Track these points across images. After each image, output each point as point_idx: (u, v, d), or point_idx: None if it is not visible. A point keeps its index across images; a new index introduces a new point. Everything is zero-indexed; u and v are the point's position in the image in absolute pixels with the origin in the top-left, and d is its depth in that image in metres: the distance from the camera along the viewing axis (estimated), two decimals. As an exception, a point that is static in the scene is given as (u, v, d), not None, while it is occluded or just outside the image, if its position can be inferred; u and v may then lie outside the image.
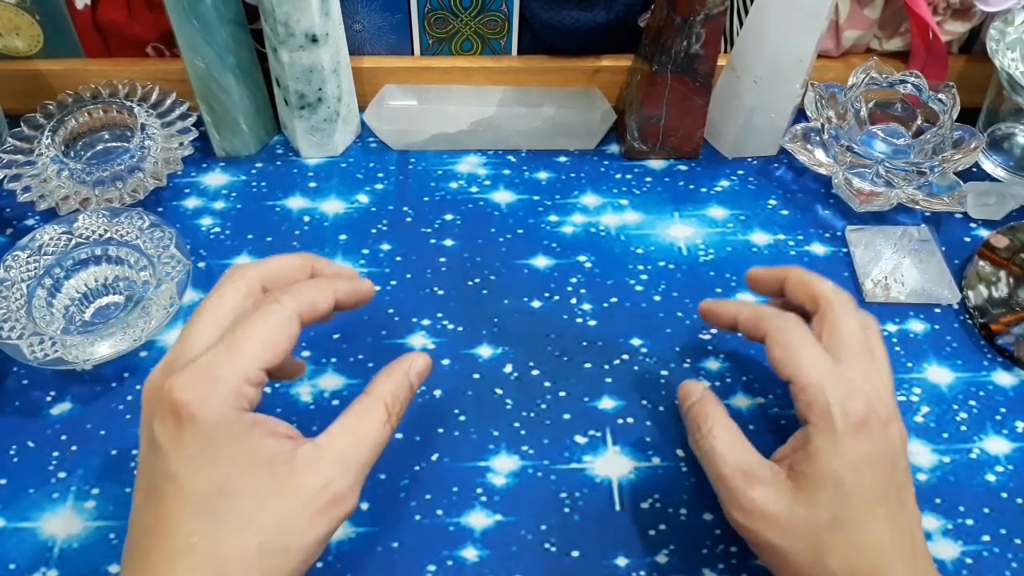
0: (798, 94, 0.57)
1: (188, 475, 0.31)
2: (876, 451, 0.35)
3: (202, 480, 0.31)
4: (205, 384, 0.32)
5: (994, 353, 0.50)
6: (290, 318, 0.34)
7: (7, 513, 0.42)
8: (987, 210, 0.57)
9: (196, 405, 0.31)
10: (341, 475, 0.33)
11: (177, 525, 0.31)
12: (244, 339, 0.33)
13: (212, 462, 0.31)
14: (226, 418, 0.32)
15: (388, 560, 0.41)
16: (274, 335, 0.34)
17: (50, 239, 0.49)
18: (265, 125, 0.59)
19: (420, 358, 0.38)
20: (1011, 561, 0.41)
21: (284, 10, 0.51)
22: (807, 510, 0.35)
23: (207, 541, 0.31)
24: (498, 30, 0.60)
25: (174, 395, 0.31)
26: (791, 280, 0.42)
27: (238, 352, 0.33)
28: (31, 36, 0.57)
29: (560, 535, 0.42)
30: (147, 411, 0.33)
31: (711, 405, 0.39)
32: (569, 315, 0.51)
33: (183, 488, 0.31)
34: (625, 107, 0.60)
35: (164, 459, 0.31)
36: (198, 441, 0.31)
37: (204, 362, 0.32)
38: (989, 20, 0.58)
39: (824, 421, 0.35)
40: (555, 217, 0.56)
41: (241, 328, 0.33)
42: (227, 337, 0.33)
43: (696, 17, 0.51)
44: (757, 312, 0.40)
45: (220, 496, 0.31)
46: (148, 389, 0.33)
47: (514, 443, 0.45)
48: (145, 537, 0.32)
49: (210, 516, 0.31)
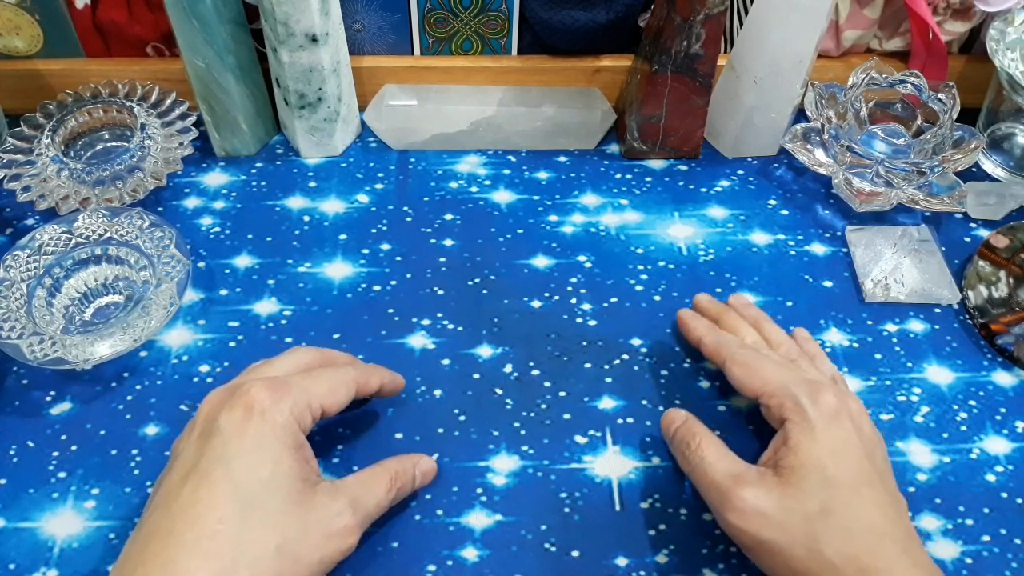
0: (798, 94, 0.57)
1: (240, 461, 0.35)
2: (851, 439, 0.38)
3: (250, 470, 0.35)
4: (281, 393, 0.37)
5: (994, 353, 0.50)
6: (352, 381, 0.40)
7: (7, 513, 0.42)
8: (987, 210, 0.57)
9: (268, 404, 0.36)
10: (351, 511, 0.37)
11: (212, 507, 0.33)
12: (319, 378, 0.39)
13: (263, 458, 0.35)
14: (287, 426, 0.36)
15: (388, 560, 0.41)
16: (338, 387, 0.40)
17: (50, 239, 0.49)
18: (265, 125, 0.59)
19: (428, 461, 0.43)
20: (1011, 561, 0.41)
21: (284, 10, 0.51)
22: (797, 502, 0.36)
23: (234, 529, 0.33)
24: (498, 30, 0.60)
25: (252, 392, 0.36)
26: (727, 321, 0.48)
27: (313, 384, 0.39)
28: (31, 36, 0.57)
29: (560, 535, 0.42)
30: (214, 403, 0.37)
31: (696, 425, 0.42)
32: (569, 315, 0.51)
33: (232, 472, 0.34)
34: (625, 107, 0.60)
35: (223, 443, 0.35)
36: (259, 436, 0.35)
37: (284, 379, 0.38)
38: (989, 20, 0.58)
39: (798, 415, 0.38)
40: (555, 217, 0.56)
41: (318, 371, 0.40)
42: (304, 374, 0.39)
43: (696, 17, 0.51)
44: (718, 340, 0.45)
45: (259, 489, 0.34)
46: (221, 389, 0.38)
47: (514, 443, 0.45)
48: (172, 517, 0.34)
49: (245, 505, 0.34)
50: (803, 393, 0.39)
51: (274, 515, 0.34)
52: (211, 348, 0.48)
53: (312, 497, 0.36)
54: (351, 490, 0.38)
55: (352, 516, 0.37)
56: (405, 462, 0.41)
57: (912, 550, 0.35)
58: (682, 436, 0.41)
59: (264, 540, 0.34)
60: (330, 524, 0.36)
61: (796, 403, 0.39)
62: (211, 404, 0.37)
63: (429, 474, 0.42)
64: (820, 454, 0.37)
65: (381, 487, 0.39)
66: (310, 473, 0.37)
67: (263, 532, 0.34)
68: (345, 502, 0.37)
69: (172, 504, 0.34)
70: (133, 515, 0.42)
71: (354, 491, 0.38)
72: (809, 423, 0.38)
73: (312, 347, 0.43)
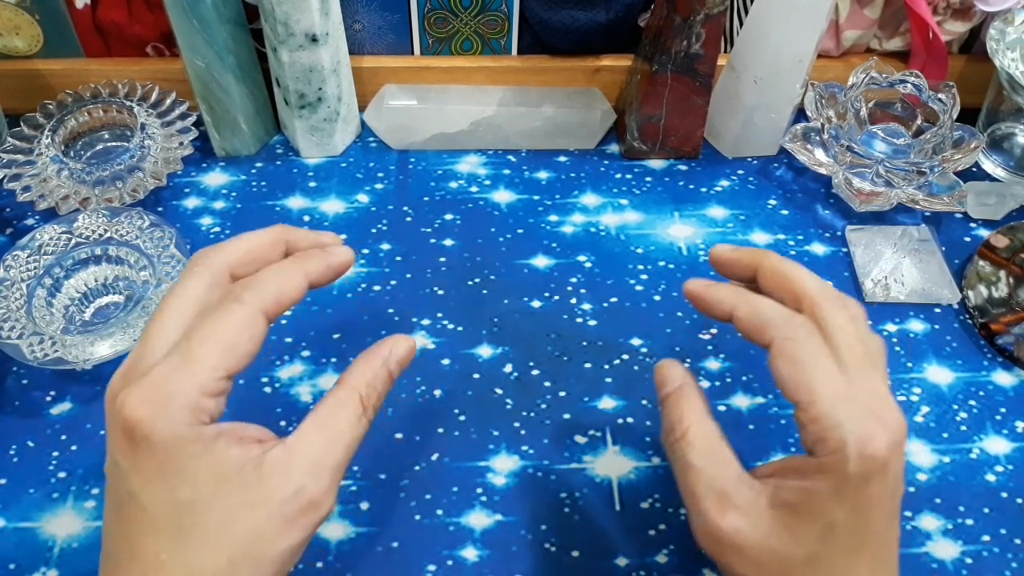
0: (798, 94, 0.57)
1: (148, 496, 0.29)
2: (884, 493, 0.31)
3: (163, 500, 0.29)
4: (156, 402, 0.29)
5: (994, 353, 0.50)
6: (253, 317, 0.31)
7: (7, 513, 0.42)
8: (987, 210, 0.57)
9: (148, 424, 0.29)
10: (314, 479, 0.31)
11: (143, 544, 0.29)
12: (201, 346, 0.30)
13: (171, 482, 0.29)
14: (182, 437, 0.29)
15: (388, 560, 0.41)
16: (235, 338, 0.31)
17: (50, 239, 0.49)
18: (265, 125, 0.59)
19: (402, 343, 0.35)
20: (1011, 561, 0.41)
21: (284, 10, 0.51)
22: (783, 545, 0.31)
23: (176, 558, 0.29)
24: (498, 30, 0.60)
25: (125, 413, 0.29)
26: (766, 269, 0.36)
27: (194, 362, 0.30)
28: (31, 36, 0.57)
29: (560, 535, 0.42)
30: (107, 424, 0.31)
31: (689, 398, 0.35)
32: (569, 315, 0.51)
33: (145, 508, 0.29)
34: (625, 107, 0.60)
35: (125, 478, 0.30)
36: (154, 461, 0.29)
37: (157, 375, 0.30)
38: (989, 20, 0.58)
39: (835, 462, 0.30)
40: (555, 217, 0.56)
41: (198, 333, 0.31)
42: (182, 345, 0.30)
43: (696, 17, 0.51)
44: (759, 312, 0.34)
45: (185, 514, 0.29)
46: (107, 398, 0.31)
47: (514, 443, 0.45)
48: (115, 553, 0.30)
49: (175, 534, 0.29)
50: (852, 436, 0.30)
51: (215, 530, 0.29)
52: (211, 348, 0.48)
53: (259, 486, 0.30)
54: (309, 444, 0.31)
55: (315, 484, 0.30)
56: (373, 361, 0.34)
57: None
58: (669, 410, 0.35)
59: (212, 559, 0.29)
60: (288, 508, 0.30)
61: (839, 446, 0.30)
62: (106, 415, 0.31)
63: (407, 357, 0.35)
64: (836, 511, 0.30)
65: (349, 419, 0.32)
66: (246, 453, 0.30)
67: (208, 551, 0.29)
68: (303, 469, 0.30)
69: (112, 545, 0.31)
70: (133, 515, 0.42)
71: (312, 445, 0.31)
72: (843, 476, 0.30)
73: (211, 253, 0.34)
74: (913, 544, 0.42)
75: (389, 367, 0.34)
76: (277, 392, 0.47)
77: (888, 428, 0.31)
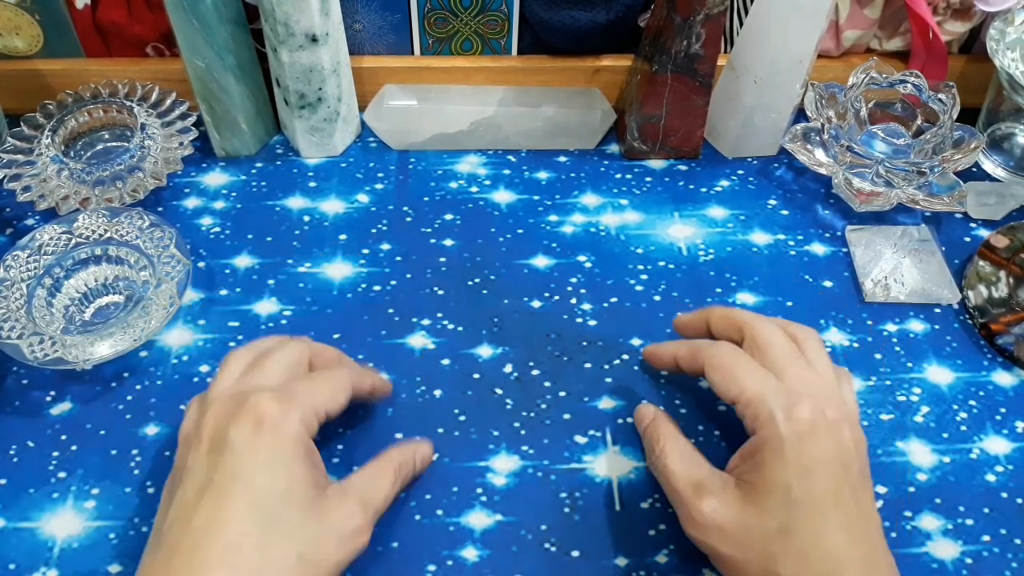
0: (798, 94, 0.57)
1: (257, 476, 0.34)
2: (825, 454, 0.35)
3: (267, 484, 0.34)
4: (289, 403, 0.36)
5: (994, 353, 0.50)
6: (349, 383, 0.40)
7: (7, 513, 0.42)
8: (987, 210, 0.57)
9: (279, 417, 0.36)
10: (361, 511, 0.37)
11: (233, 522, 0.33)
12: (320, 382, 0.39)
13: (278, 470, 0.35)
14: (299, 436, 0.36)
15: (388, 560, 0.41)
16: (337, 391, 0.40)
17: (50, 239, 0.49)
18: (265, 125, 0.59)
19: (426, 446, 0.43)
20: (1011, 561, 0.41)
21: (284, 10, 0.51)
22: (756, 519, 0.35)
23: (256, 542, 0.33)
24: (498, 30, 0.60)
25: (261, 405, 0.36)
26: (714, 318, 0.44)
27: (316, 390, 0.39)
28: (31, 36, 0.57)
29: (560, 535, 0.42)
30: (220, 414, 0.36)
31: (662, 425, 0.41)
32: (569, 315, 0.51)
33: (250, 487, 0.34)
34: (625, 107, 0.60)
35: (236, 459, 0.35)
36: (271, 449, 0.35)
37: (290, 388, 0.38)
38: (989, 20, 0.58)
39: (769, 429, 0.36)
40: (555, 217, 0.56)
41: (319, 375, 0.40)
42: (304, 379, 0.39)
43: (696, 17, 0.51)
44: (692, 347, 0.42)
45: (276, 503, 0.34)
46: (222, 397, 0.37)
47: (514, 443, 0.45)
48: (191, 533, 0.33)
49: (265, 519, 0.34)
50: (778, 406, 0.36)
51: (293, 525, 0.34)
52: (211, 348, 0.48)
53: (325, 503, 0.36)
54: (359, 490, 0.38)
55: (363, 516, 0.37)
56: (405, 451, 0.42)
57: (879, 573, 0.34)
58: (649, 437, 0.42)
59: (286, 550, 0.34)
60: (344, 527, 0.36)
61: (769, 416, 0.36)
62: (216, 417, 0.36)
63: (428, 458, 0.43)
64: (787, 474, 0.35)
65: (387, 480, 0.39)
66: (320, 478, 0.37)
67: (284, 543, 0.34)
68: (355, 503, 0.37)
69: (191, 520, 0.34)
70: (133, 515, 0.42)
71: (362, 491, 0.38)
72: (779, 439, 0.35)
73: (297, 340, 0.42)
74: (913, 544, 0.42)
75: (415, 458, 0.42)
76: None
77: (815, 400, 0.36)
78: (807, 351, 0.40)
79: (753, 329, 0.41)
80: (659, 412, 0.43)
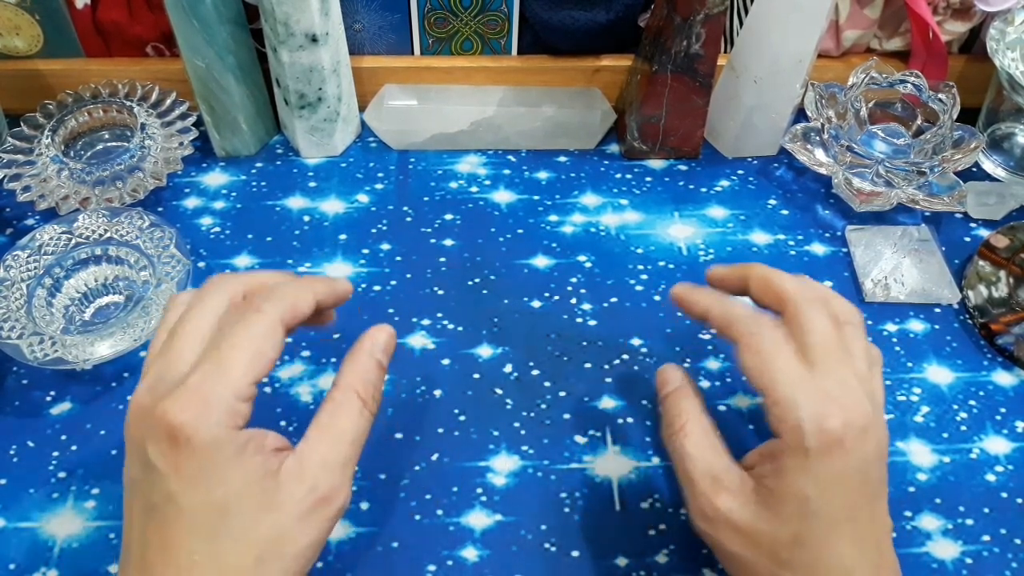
0: (798, 94, 0.57)
1: (188, 496, 0.32)
2: (848, 468, 0.34)
3: (200, 500, 0.32)
4: (198, 406, 0.32)
5: (994, 353, 0.50)
6: (274, 325, 0.34)
7: (7, 513, 0.42)
8: (987, 210, 0.57)
9: (191, 428, 0.31)
10: (325, 478, 0.33)
11: (179, 544, 0.31)
12: (231, 354, 0.33)
13: (210, 482, 0.32)
14: (221, 439, 0.32)
15: (388, 560, 0.41)
16: (261, 346, 0.33)
17: (50, 239, 0.49)
18: (265, 125, 0.59)
19: (381, 332, 0.37)
20: (1011, 561, 0.41)
21: (284, 10, 0.51)
22: (769, 525, 0.34)
23: (208, 558, 0.31)
24: (498, 30, 0.60)
25: (168, 419, 0.31)
26: (754, 279, 0.39)
27: (227, 369, 0.32)
28: (31, 36, 0.57)
29: (560, 535, 0.42)
30: (138, 434, 0.33)
31: (686, 398, 0.38)
32: (569, 315, 0.51)
33: (183, 509, 0.31)
34: (625, 107, 0.60)
35: (163, 481, 0.32)
36: (195, 463, 0.31)
37: (194, 383, 0.32)
38: (989, 20, 0.58)
39: (795, 439, 0.34)
40: (555, 217, 0.56)
41: (226, 342, 0.33)
42: (213, 354, 0.33)
43: (696, 17, 0.51)
44: (729, 312, 0.38)
45: (218, 515, 0.32)
46: (136, 411, 0.33)
47: (514, 443, 0.45)
48: (147, 555, 0.32)
49: (209, 534, 0.32)
50: (807, 415, 0.33)
51: (243, 529, 0.32)
52: (211, 348, 0.48)
53: (276, 492, 0.33)
54: (315, 453, 0.34)
55: (327, 481, 0.33)
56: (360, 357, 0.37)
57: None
58: (669, 408, 0.38)
59: (241, 556, 0.32)
60: (303, 507, 0.33)
61: (796, 424, 0.33)
62: (135, 433, 0.33)
63: (390, 345, 0.38)
64: (806, 486, 0.33)
65: (350, 417, 0.35)
66: (267, 463, 0.33)
67: (238, 550, 0.32)
68: (313, 472, 0.33)
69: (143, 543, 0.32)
70: (133, 515, 0.42)
71: (319, 448, 0.34)
72: (804, 452, 0.33)
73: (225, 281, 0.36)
74: (913, 544, 0.42)
75: (376, 357, 0.37)
76: (277, 392, 0.47)
77: (845, 409, 0.34)
78: (846, 336, 0.37)
79: (797, 309, 0.36)
80: (687, 379, 0.39)
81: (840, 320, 0.37)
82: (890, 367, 0.49)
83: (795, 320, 0.36)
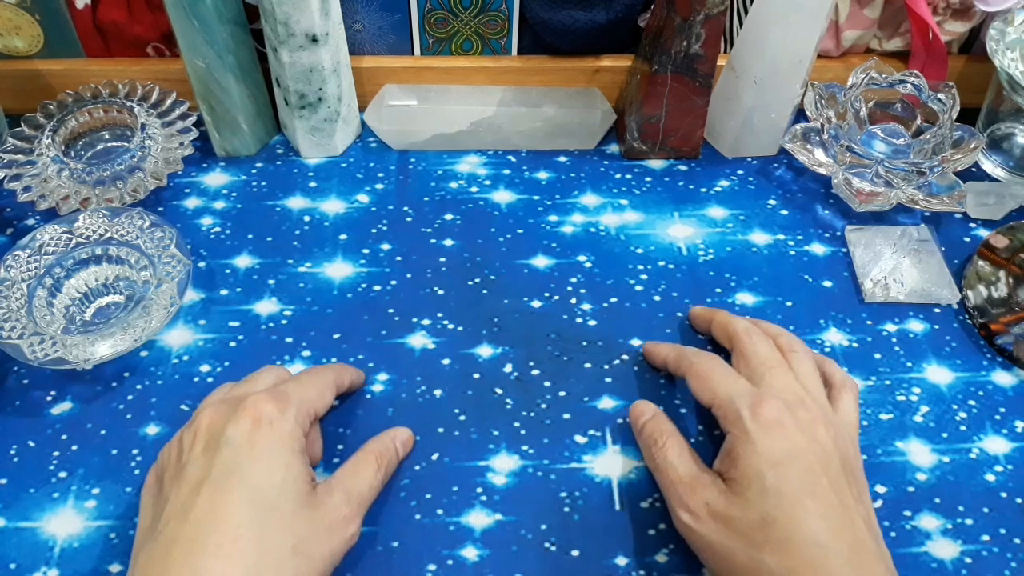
0: (798, 94, 0.57)
1: (253, 470, 0.36)
2: (796, 448, 0.37)
3: (264, 477, 0.36)
4: (284, 402, 0.39)
5: (994, 353, 0.50)
6: (333, 382, 0.43)
7: (7, 513, 0.42)
8: (987, 210, 0.57)
9: (275, 414, 0.38)
10: (346, 502, 0.39)
11: (230, 514, 0.35)
12: (308, 384, 0.41)
13: (274, 464, 0.37)
14: (294, 433, 0.38)
15: (388, 560, 0.41)
16: (325, 388, 0.42)
17: (50, 239, 0.49)
18: (265, 125, 0.60)
19: (404, 432, 0.44)
20: (1011, 561, 0.41)
21: (284, 10, 0.51)
22: (741, 510, 0.37)
23: (254, 534, 0.35)
24: (498, 30, 0.60)
25: (259, 405, 0.38)
26: (715, 321, 0.47)
27: (306, 389, 0.41)
28: (31, 36, 0.58)
29: (560, 535, 0.42)
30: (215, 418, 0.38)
31: (664, 422, 0.43)
32: (569, 315, 0.51)
33: (248, 480, 0.36)
34: (625, 107, 0.60)
35: (234, 454, 0.36)
36: (269, 444, 0.37)
37: (281, 389, 0.40)
38: (989, 20, 0.58)
39: (737, 427, 0.39)
40: (555, 217, 0.56)
41: (304, 377, 0.42)
42: (293, 381, 0.41)
43: (696, 17, 0.51)
44: (679, 353, 0.45)
45: (273, 495, 0.36)
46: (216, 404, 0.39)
47: (514, 443, 0.45)
48: (188, 527, 0.34)
49: (261, 511, 0.35)
50: (744, 405, 0.39)
51: (288, 517, 0.36)
52: (212, 348, 0.48)
53: (314, 496, 0.38)
54: (343, 482, 0.39)
55: (348, 506, 0.38)
56: (384, 439, 0.43)
57: (857, 563, 0.35)
58: (650, 432, 0.42)
59: (282, 541, 0.35)
60: (331, 517, 0.38)
61: (737, 415, 0.39)
62: (211, 418, 0.38)
63: (408, 443, 0.44)
64: (759, 465, 0.37)
65: (369, 470, 0.41)
66: (311, 475, 0.39)
67: (280, 534, 0.35)
68: (340, 494, 0.39)
69: (188, 514, 0.35)
70: (134, 515, 0.41)
71: (345, 482, 0.39)
72: (747, 435, 0.38)
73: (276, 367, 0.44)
74: (913, 544, 0.42)
75: (395, 443, 0.43)
76: (277, 392, 0.47)
77: (783, 399, 0.39)
78: (791, 361, 0.43)
79: (741, 342, 0.44)
80: (658, 410, 0.44)
81: (785, 349, 0.44)
82: (890, 367, 0.49)
83: (740, 349, 0.44)
